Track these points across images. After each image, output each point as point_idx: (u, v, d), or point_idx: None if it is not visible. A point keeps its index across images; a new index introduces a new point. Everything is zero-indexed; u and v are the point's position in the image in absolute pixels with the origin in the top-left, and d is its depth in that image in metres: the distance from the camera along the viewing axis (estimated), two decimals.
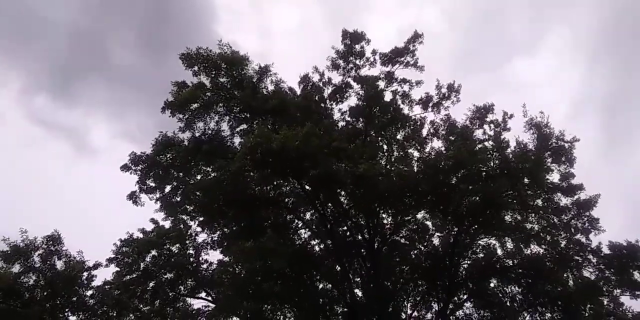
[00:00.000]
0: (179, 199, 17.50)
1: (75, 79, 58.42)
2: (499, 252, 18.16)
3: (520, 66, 54.12)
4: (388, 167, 18.44)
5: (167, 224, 18.84)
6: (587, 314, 16.38)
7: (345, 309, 18.24)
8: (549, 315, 17.21)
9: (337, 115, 19.76)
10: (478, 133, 17.76)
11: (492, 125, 17.55)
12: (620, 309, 16.37)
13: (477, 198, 15.12)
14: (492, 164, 16.06)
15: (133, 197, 17.46)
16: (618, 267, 16.14)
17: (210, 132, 17.38)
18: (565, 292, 16.39)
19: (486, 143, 16.98)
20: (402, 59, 19.15)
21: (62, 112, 56.59)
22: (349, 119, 19.76)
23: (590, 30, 52.91)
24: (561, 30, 55.32)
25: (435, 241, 18.98)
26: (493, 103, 18.03)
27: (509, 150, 16.83)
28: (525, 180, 15.89)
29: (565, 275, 16.84)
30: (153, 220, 18.78)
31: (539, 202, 17.13)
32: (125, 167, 17.22)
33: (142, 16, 57.09)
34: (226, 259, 18.78)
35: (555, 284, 16.67)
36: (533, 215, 16.90)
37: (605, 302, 16.48)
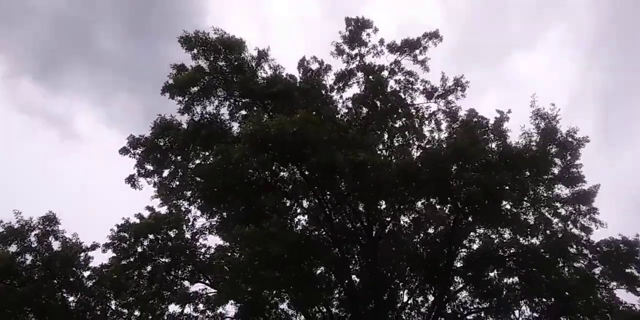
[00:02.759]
0: (177, 183, 17.30)
1: (59, 64, 57.10)
2: (497, 241, 18.08)
3: (519, 60, 53.62)
4: (388, 154, 18.23)
5: (163, 210, 18.75)
6: (580, 304, 16.51)
7: (343, 295, 18.39)
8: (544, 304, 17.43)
9: (340, 102, 19.45)
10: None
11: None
12: (614, 301, 16.44)
13: (477, 187, 14.95)
14: (493, 154, 15.81)
15: (132, 180, 17.23)
16: (614, 261, 16.16)
17: (209, 116, 17.15)
18: (561, 282, 16.45)
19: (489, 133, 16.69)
20: (412, 51, 18.76)
21: (46, 98, 55.62)
22: (351, 106, 19.45)
23: (589, 26, 52.36)
24: (560, 25, 54.63)
25: (434, 229, 18.90)
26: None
27: (512, 140, 16.56)
28: (528, 171, 15.70)
29: (561, 266, 16.83)
30: (149, 208, 18.63)
31: (540, 192, 16.97)
32: (124, 150, 16.97)
33: (128, 1, 55.34)
34: (225, 243, 18.81)
35: (551, 275, 16.70)
36: (532, 206, 16.78)
37: (601, 295, 16.55)
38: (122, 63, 57.83)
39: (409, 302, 18.91)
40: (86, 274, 18.42)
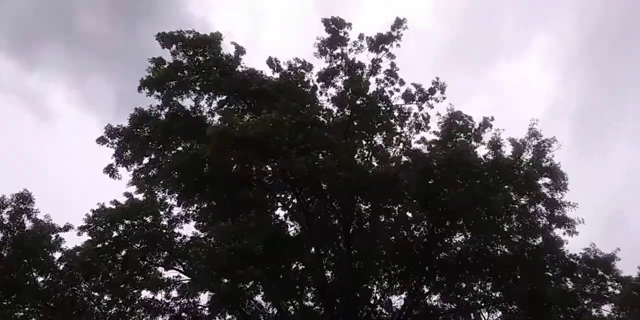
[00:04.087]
0: (154, 173, 16.99)
1: (35, 42, 54.73)
2: (475, 248, 18.16)
3: (504, 68, 53.82)
4: (369, 155, 18.14)
5: (140, 197, 18.34)
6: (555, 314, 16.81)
7: (316, 290, 18.44)
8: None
9: (325, 101, 19.13)
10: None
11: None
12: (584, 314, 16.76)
13: (461, 195, 14.99)
14: (481, 164, 15.85)
15: (110, 170, 16.95)
16: (586, 276, 16.42)
17: (188, 109, 16.94)
18: (534, 294, 16.64)
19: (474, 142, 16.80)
20: (388, 45, 18.44)
21: (20, 75, 53.52)
22: (333, 106, 19.15)
23: (574, 40, 52.76)
24: (546, 36, 54.78)
25: (412, 231, 18.90)
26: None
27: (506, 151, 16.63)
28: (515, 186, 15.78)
29: (535, 278, 16.99)
30: (127, 194, 18.26)
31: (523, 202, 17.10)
32: (101, 140, 16.69)
33: None
34: (201, 233, 18.58)
35: (526, 285, 16.91)
36: (513, 216, 16.88)
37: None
38: (101, 44, 56.04)
39: (381, 300, 19.09)
40: (57, 255, 18.15)
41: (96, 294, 18.46)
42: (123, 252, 18.14)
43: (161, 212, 18.69)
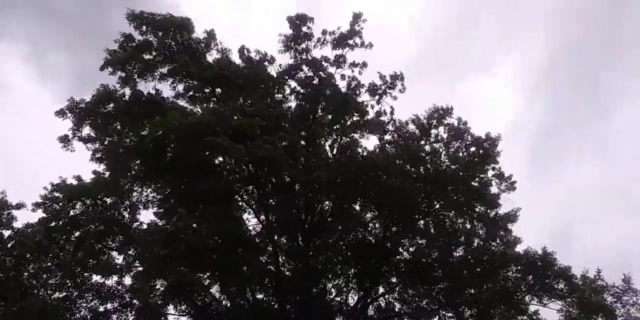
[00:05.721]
0: (117, 154, 16.72)
1: None
2: (426, 251, 18.63)
3: (472, 84, 55.59)
4: (334, 153, 18.62)
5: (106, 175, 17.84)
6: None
7: (273, 284, 18.42)
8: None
9: (287, 94, 19.35)
10: (433, 132, 18.25)
11: (447, 128, 17.98)
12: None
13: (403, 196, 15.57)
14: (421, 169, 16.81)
15: (65, 141, 16.68)
16: (533, 274, 16.96)
17: (151, 92, 16.98)
18: (481, 296, 17.19)
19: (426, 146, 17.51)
20: (351, 41, 18.69)
21: None
22: (298, 102, 19.27)
23: (538, 65, 55.06)
24: (515, 57, 57.06)
25: (369, 233, 19.25)
26: (452, 106, 18.51)
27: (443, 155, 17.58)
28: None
29: (483, 280, 17.56)
30: (95, 172, 17.75)
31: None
32: (61, 113, 16.41)
33: None
34: (159, 221, 18.23)
35: (472, 288, 17.42)
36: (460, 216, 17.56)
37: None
38: (66, 19, 53.96)
39: (337, 298, 19.22)
40: (7, 232, 17.53)
41: (44, 275, 17.81)
42: (77, 233, 17.64)
43: (124, 194, 18.23)
